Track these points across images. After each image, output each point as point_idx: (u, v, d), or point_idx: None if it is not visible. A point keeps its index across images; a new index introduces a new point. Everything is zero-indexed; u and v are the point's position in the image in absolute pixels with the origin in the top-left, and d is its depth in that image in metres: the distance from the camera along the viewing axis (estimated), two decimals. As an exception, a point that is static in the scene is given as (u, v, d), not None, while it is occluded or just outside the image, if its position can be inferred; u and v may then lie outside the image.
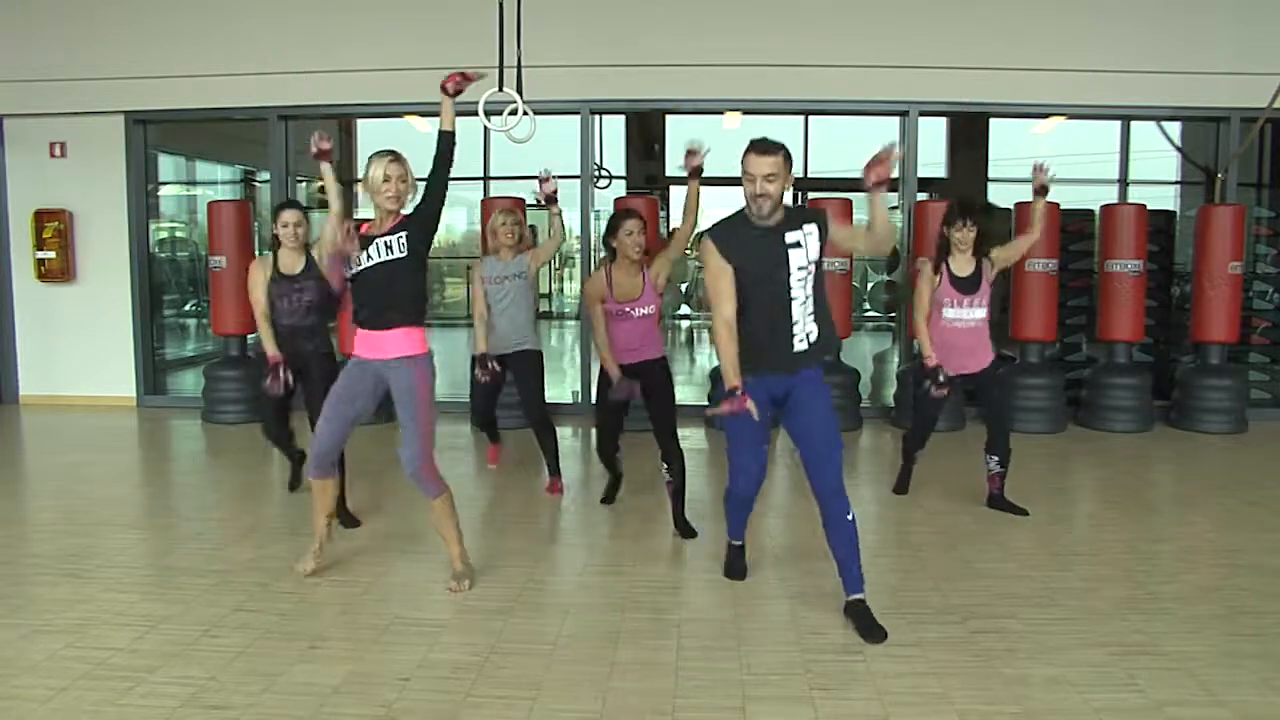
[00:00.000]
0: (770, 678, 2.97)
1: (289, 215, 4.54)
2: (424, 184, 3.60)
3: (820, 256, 3.36)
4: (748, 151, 3.24)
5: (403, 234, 3.54)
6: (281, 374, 4.42)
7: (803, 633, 3.31)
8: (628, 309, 4.37)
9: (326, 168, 4.16)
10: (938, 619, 3.43)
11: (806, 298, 3.34)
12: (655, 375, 4.43)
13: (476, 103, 5.46)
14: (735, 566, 3.86)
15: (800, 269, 3.30)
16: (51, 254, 7.64)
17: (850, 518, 3.34)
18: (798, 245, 3.29)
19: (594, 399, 4.66)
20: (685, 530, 4.38)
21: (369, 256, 3.53)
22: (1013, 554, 4.18)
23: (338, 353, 4.73)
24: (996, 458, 4.73)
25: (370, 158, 3.54)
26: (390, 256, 3.53)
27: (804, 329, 3.35)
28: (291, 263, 4.52)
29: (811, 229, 3.32)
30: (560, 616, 3.46)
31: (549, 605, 3.58)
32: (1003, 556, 4.14)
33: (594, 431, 4.73)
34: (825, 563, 3.95)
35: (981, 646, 3.19)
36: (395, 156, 3.53)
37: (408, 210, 3.58)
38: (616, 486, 4.96)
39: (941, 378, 4.53)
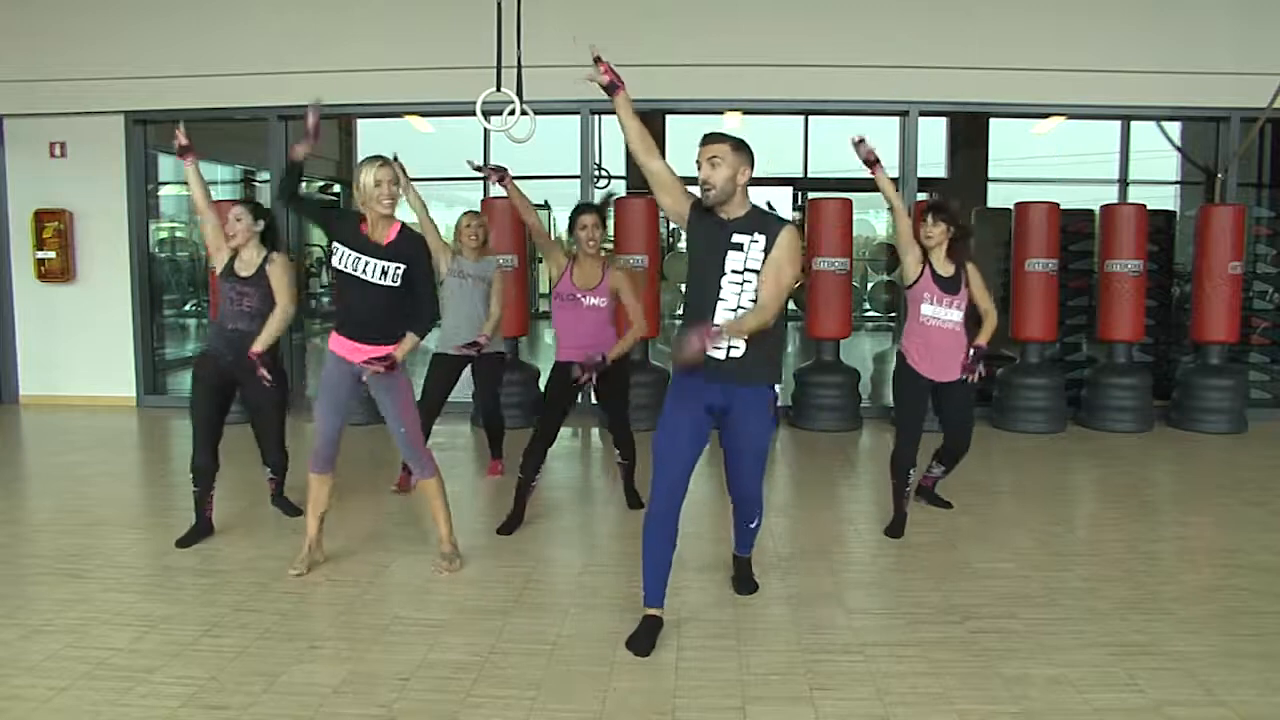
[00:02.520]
0: (770, 678, 2.97)
1: (238, 209, 4.23)
2: (419, 270, 3.66)
3: (763, 269, 3.11)
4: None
5: (401, 267, 3.61)
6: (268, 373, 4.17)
7: (803, 633, 3.31)
8: (579, 295, 4.41)
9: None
10: (938, 619, 3.43)
11: (739, 307, 3.11)
12: (608, 370, 4.43)
13: (474, 102, 5.47)
14: (641, 639, 3.18)
15: (735, 273, 3.12)
16: (51, 254, 7.64)
17: (753, 525, 3.59)
18: (739, 248, 3.12)
19: (542, 393, 4.54)
20: (633, 500, 4.75)
21: (371, 268, 3.58)
22: (1013, 554, 4.17)
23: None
24: (944, 468, 4.73)
25: (362, 165, 3.59)
26: (385, 283, 3.60)
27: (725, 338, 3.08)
28: (244, 264, 4.26)
29: (760, 239, 3.13)
30: (560, 616, 3.46)
31: (549, 605, 3.58)
32: (1003, 556, 4.14)
33: (532, 433, 4.46)
34: (825, 562, 3.97)
35: (981, 646, 3.20)
36: (384, 161, 3.59)
37: (401, 215, 3.67)
38: (518, 522, 4.46)
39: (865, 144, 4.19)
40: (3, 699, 2.81)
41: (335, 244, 3.62)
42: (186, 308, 10.23)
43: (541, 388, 7.16)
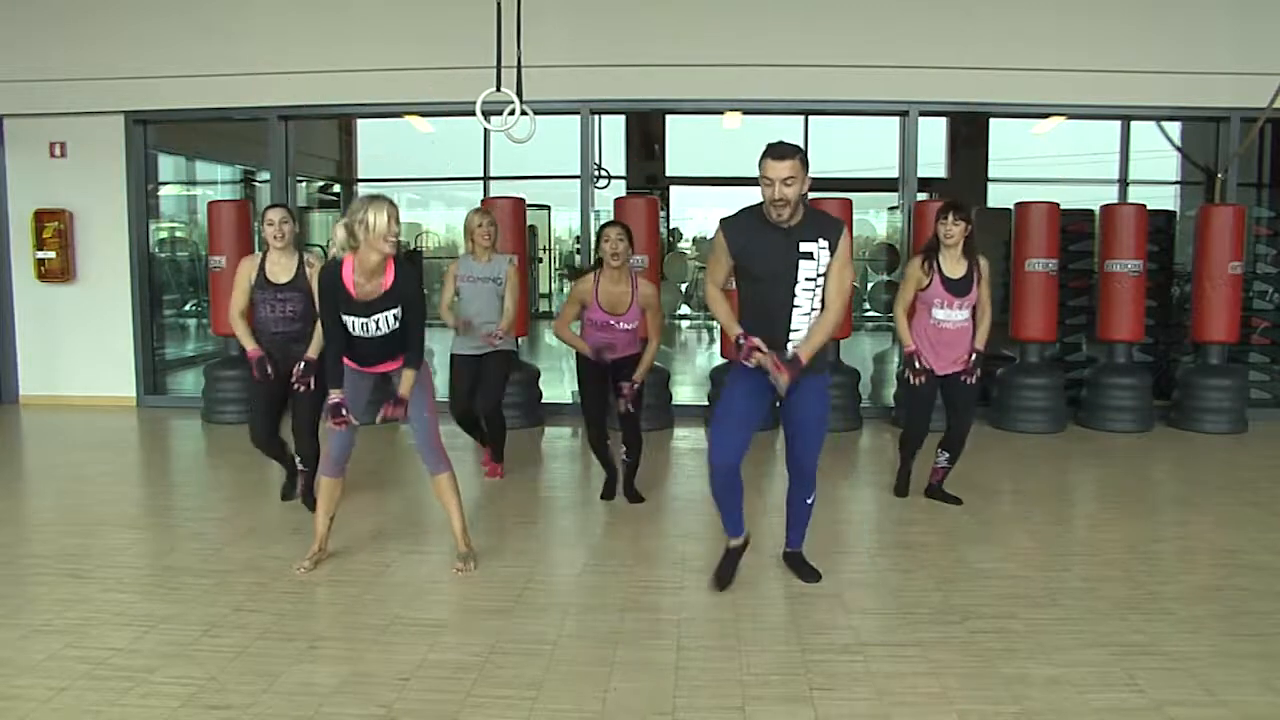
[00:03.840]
0: (770, 678, 2.97)
1: (274, 214, 4.45)
2: (412, 304, 3.68)
3: (827, 276, 3.37)
4: (764, 157, 3.23)
5: (396, 310, 3.64)
6: (267, 368, 4.39)
7: (803, 633, 3.31)
8: (612, 322, 4.56)
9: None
10: (938, 619, 3.43)
11: (812, 310, 3.37)
12: (624, 371, 4.65)
13: (474, 102, 5.47)
14: (723, 570, 3.66)
15: (809, 279, 3.33)
16: (51, 254, 7.63)
17: (809, 502, 3.70)
18: (810, 256, 3.31)
19: (578, 394, 4.83)
20: (633, 495, 4.87)
21: (371, 327, 3.62)
22: (1013, 554, 4.18)
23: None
24: (948, 454, 4.84)
25: (367, 204, 3.50)
26: (388, 330, 3.65)
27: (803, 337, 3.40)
28: (280, 270, 4.44)
29: (824, 244, 3.32)
30: (560, 616, 3.46)
31: (549, 605, 3.58)
32: (1003, 556, 4.14)
33: (583, 427, 4.85)
34: (825, 561, 3.96)
35: (981, 646, 3.19)
36: (394, 204, 3.57)
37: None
38: (615, 482, 5.00)
39: (918, 365, 4.66)
40: (3, 699, 2.81)
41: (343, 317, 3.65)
42: (186, 308, 10.23)
43: (541, 388, 7.27)
